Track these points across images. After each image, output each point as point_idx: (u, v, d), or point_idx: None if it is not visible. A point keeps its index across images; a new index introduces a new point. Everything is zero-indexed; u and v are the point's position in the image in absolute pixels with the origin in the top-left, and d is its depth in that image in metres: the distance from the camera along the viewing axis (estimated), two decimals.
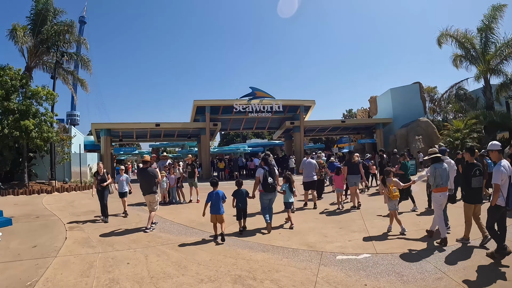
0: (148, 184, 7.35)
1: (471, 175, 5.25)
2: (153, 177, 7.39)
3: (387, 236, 6.16)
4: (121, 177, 9.32)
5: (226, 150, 40.01)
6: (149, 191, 7.34)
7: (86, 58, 20.23)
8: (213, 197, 6.23)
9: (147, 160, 7.63)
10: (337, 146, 45.27)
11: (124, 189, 9.14)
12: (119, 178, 9.30)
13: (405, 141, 25.82)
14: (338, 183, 9.45)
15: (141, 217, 8.81)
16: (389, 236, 6.15)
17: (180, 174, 11.06)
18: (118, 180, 9.25)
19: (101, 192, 8.38)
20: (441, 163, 5.79)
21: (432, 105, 30.76)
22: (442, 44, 22.18)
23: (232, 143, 54.33)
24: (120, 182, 9.20)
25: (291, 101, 23.93)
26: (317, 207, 9.48)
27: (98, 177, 8.43)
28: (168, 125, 22.69)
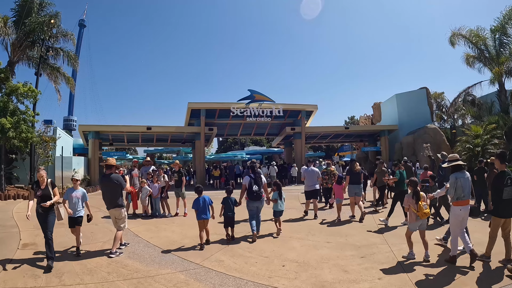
0: (112, 194, 5.80)
1: (503, 184, 4.68)
2: (118, 186, 5.80)
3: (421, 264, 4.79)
4: (74, 192, 5.92)
5: (223, 157, 38.58)
6: (113, 204, 5.79)
7: (73, 54, 18.82)
8: (200, 204, 6.20)
9: (110, 164, 5.91)
10: (338, 155, 43.84)
11: (77, 213, 5.82)
12: (70, 193, 5.87)
13: (412, 149, 24.43)
14: (338, 192, 8.81)
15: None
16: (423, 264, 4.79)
17: (165, 182, 9.52)
18: (68, 196, 5.85)
19: (42, 216, 5.25)
20: (463, 172, 5.08)
21: (439, 111, 29.41)
22: (455, 44, 20.96)
23: (230, 151, 52.91)
24: (71, 200, 5.83)
25: (292, 105, 22.52)
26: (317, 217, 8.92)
27: (38, 192, 5.32)
28: (160, 129, 21.20)
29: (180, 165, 9.64)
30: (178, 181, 9.48)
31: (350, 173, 8.80)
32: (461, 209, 4.85)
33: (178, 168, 9.61)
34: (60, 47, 18.72)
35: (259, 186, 6.74)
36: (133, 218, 9.29)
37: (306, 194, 9.27)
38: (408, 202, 5.25)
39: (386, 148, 25.08)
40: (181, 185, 9.38)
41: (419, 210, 5.01)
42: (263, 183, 6.86)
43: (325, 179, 10.25)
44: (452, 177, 5.03)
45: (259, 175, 6.92)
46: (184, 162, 41.02)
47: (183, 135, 22.81)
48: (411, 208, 5.14)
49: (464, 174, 5.07)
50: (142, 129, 20.83)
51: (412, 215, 5.16)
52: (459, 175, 4.99)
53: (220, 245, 6.19)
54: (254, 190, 6.66)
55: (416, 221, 5.10)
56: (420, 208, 5.00)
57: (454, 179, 4.95)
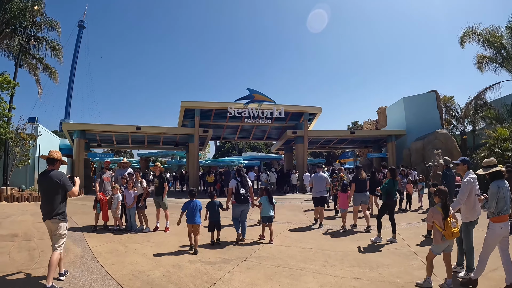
0: (50, 199, 4.15)
1: None
2: (58, 189, 4.16)
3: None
4: None
5: (220, 162, 37.02)
6: (50, 212, 4.13)
7: (57, 44, 17.18)
8: (189, 207, 6.08)
9: (52, 158, 4.32)
10: (339, 161, 42.15)
11: None
12: None
13: (421, 156, 22.92)
14: (343, 202, 8.08)
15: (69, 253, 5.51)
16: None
17: (142, 189, 7.76)
18: None
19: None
20: (503, 181, 4.21)
21: (448, 116, 27.90)
22: (465, 43, 19.42)
23: (227, 156, 51.26)
24: None
25: (295, 107, 20.88)
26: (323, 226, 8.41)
27: None
28: (151, 129, 19.47)
29: (162, 169, 7.86)
30: (158, 188, 7.69)
31: (356, 180, 8.13)
32: (503, 227, 4.00)
33: (159, 172, 7.79)
34: (43, 36, 17.13)
35: (246, 190, 6.74)
36: (102, 232, 7.54)
37: (314, 200, 8.74)
38: (433, 218, 4.14)
39: (393, 155, 23.53)
40: (163, 192, 7.60)
41: (446, 228, 3.96)
42: (249, 186, 6.87)
43: (335, 185, 9.85)
44: (493, 186, 4.14)
45: (245, 178, 6.92)
46: (179, 167, 39.28)
47: (176, 137, 21.07)
48: (436, 225, 4.08)
49: (504, 182, 4.21)
50: (131, 129, 19.11)
51: (437, 235, 4.08)
52: (501, 183, 4.14)
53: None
54: (242, 193, 6.66)
55: (442, 242, 4.04)
56: (448, 226, 3.94)
57: (496, 189, 4.07)
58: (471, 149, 25.43)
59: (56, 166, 4.37)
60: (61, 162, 4.47)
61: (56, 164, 4.37)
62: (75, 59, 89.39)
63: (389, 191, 6.72)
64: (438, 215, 4.07)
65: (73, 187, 4.35)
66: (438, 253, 4.13)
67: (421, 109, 24.85)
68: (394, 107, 27.46)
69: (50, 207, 4.13)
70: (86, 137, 20.63)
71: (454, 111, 28.21)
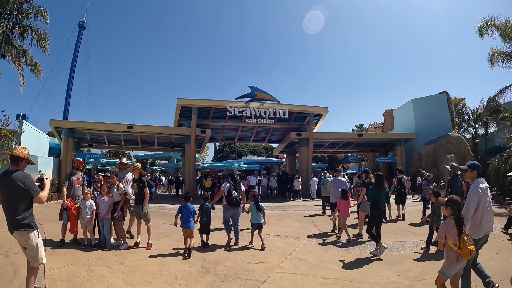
0: (12, 206, 3.42)
1: None
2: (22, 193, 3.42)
3: None
4: None
5: (218, 166, 35.49)
6: (14, 223, 3.43)
7: (43, 33, 15.78)
8: (183, 211, 6.05)
9: (16, 156, 3.54)
10: (342, 166, 40.66)
11: None
12: None
13: (432, 161, 21.65)
14: (344, 210, 7.47)
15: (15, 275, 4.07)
16: None
17: (120, 196, 6.28)
18: None
19: None
20: None
21: (459, 119, 26.58)
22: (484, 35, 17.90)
23: (227, 160, 49.80)
24: None
25: (299, 106, 19.45)
26: None
27: None
28: (144, 129, 17.99)
29: (142, 171, 6.29)
30: (138, 195, 6.21)
31: (367, 185, 7.44)
32: None
33: (139, 175, 6.24)
34: (29, 25, 15.76)
35: (238, 193, 6.78)
36: (70, 247, 6.08)
37: (332, 205, 8.60)
38: (447, 234, 3.45)
39: (402, 159, 22.14)
40: (143, 200, 6.12)
41: (462, 246, 3.33)
42: (242, 190, 6.94)
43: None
44: None
45: (238, 182, 7.00)
46: (176, 170, 37.81)
47: (171, 137, 19.60)
48: (450, 242, 3.42)
49: None
50: (122, 128, 17.64)
51: (451, 255, 3.41)
52: None
53: None
54: (234, 196, 6.68)
55: (456, 264, 3.41)
56: (464, 244, 3.33)
57: None
58: (483, 153, 24.13)
59: (20, 166, 3.59)
60: (27, 162, 3.70)
61: (21, 163, 3.59)
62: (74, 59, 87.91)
63: (375, 201, 6.06)
64: (452, 230, 3.40)
65: (41, 192, 3.54)
66: (450, 276, 3.50)
67: (432, 111, 23.67)
68: (402, 110, 26.17)
69: (13, 216, 3.41)
70: (76, 136, 19.18)
71: (465, 113, 26.95)
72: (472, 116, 26.74)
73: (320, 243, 6.96)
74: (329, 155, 45.66)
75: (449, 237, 3.43)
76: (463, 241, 3.32)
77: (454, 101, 26.28)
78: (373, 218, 6.14)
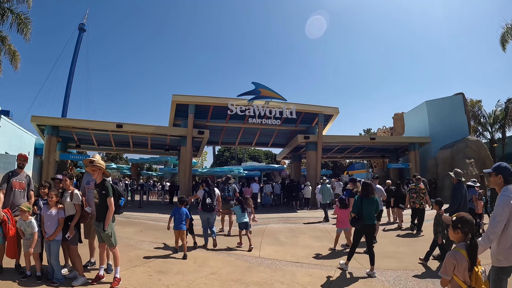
0: None
1: None
2: None
3: None
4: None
5: (217, 171, 33.67)
6: None
7: (25, 17, 14.06)
8: (176, 214, 6.33)
9: None
10: (347, 173, 38.77)
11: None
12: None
13: (449, 166, 19.81)
14: (343, 220, 6.87)
15: None
16: None
17: (75, 208, 4.39)
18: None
19: None
20: None
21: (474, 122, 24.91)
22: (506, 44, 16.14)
23: (226, 166, 47.95)
24: None
25: (308, 106, 17.64)
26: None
27: None
28: (135, 128, 16.10)
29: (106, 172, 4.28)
30: (99, 207, 4.25)
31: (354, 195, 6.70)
32: None
33: (101, 178, 4.27)
34: (9, 7, 14.05)
35: (212, 199, 7.08)
36: (7, 276, 4.22)
37: None
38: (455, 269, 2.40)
39: (416, 165, 20.49)
40: (105, 215, 4.14)
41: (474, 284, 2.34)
42: (216, 196, 7.22)
43: (413, 197, 8.78)
44: None
45: (213, 189, 7.27)
46: (173, 175, 35.88)
47: (165, 139, 17.73)
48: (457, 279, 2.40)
49: None
50: (111, 127, 15.79)
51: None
52: None
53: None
54: (208, 203, 7.00)
55: None
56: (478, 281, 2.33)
57: None
58: (500, 159, 22.46)
59: None
60: None
61: None
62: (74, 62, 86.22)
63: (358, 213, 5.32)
64: (462, 263, 2.38)
65: None
66: None
67: (447, 114, 22.06)
68: (414, 112, 24.49)
69: None
70: (61, 136, 17.39)
71: (481, 116, 25.33)
72: (489, 119, 25.14)
73: (362, 277, 5.03)
74: (333, 161, 43.84)
75: (457, 274, 2.42)
76: (476, 277, 2.37)
77: (470, 103, 24.66)
78: (357, 233, 5.38)
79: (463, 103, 22.45)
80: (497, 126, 24.73)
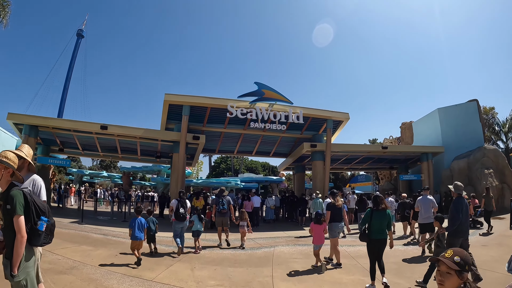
0: None
1: None
2: None
3: None
4: None
5: (214, 183, 31.77)
6: None
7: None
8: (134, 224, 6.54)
9: None
10: (350, 186, 36.93)
11: None
12: None
13: (465, 178, 18.42)
14: (318, 235, 6.44)
15: None
16: None
17: None
18: None
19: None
20: None
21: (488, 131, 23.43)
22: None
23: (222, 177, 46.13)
24: None
25: (316, 110, 15.93)
26: None
27: None
28: (121, 130, 14.19)
29: (18, 175, 2.47)
30: (5, 233, 2.38)
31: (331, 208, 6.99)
32: None
33: (7, 184, 2.39)
34: None
35: (185, 209, 7.74)
36: None
37: (421, 226, 8.28)
38: None
39: (430, 176, 18.93)
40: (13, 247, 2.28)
41: None
42: (187, 207, 7.90)
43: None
44: None
45: (185, 200, 7.95)
46: (166, 186, 33.73)
47: (157, 144, 15.85)
48: None
49: None
50: (95, 128, 13.90)
51: None
52: None
53: None
54: (181, 212, 7.63)
55: None
56: None
57: None
58: None
59: None
60: None
61: None
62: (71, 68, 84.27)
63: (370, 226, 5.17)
64: None
65: None
66: None
67: (461, 122, 20.62)
68: (424, 121, 23.02)
69: None
70: (42, 137, 15.61)
71: (495, 124, 23.96)
72: (503, 127, 23.73)
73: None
74: (334, 173, 42.04)
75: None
76: None
77: (483, 111, 23.24)
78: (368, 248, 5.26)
79: (477, 110, 21.02)
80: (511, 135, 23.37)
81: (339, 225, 6.97)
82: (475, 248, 7.27)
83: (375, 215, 5.24)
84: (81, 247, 7.87)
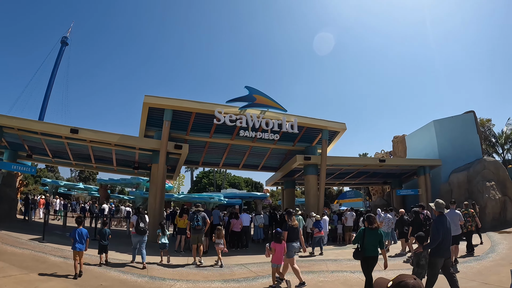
0: None
1: None
2: None
3: None
4: None
5: (195, 198, 29.84)
6: None
7: None
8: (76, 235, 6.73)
9: None
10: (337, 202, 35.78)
11: None
12: None
13: (465, 191, 17.71)
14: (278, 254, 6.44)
15: None
16: None
17: None
18: None
19: None
20: None
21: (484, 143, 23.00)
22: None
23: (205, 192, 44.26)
24: None
25: (312, 119, 14.72)
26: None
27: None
28: (94, 135, 12.36)
29: None
30: None
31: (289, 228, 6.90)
32: None
33: None
34: None
35: (145, 224, 8.55)
36: None
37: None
38: None
39: (427, 191, 18.11)
40: None
41: None
42: (147, 221, 8.79)
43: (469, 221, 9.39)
44: None
45: (144, 216, 8.76)
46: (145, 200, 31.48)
47: (134, 153, 14.11)
48: None
49: None
50: (64, 131, 12.05)
51: None
52: None
53: None
54: (141, 227, 8.37)
55: None
56: None
57: None
58: None
59: None
60: None
61: None
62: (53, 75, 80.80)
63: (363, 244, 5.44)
64: None
65: None
66: None
67: (458, 134, 19.94)
68: (419, 134, 22.36)
69: None
70: (8, 140, 13.88)
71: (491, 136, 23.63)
72: (499, 139, 23.40)
73: None
74: None
75: None
76: None
77: (480, 123, 22.86)
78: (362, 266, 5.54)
79: (474, 122, 20.52)
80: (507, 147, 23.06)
81: (294, 244, 6.93)
82: None
83: (368, 234, 5.49)
84: (30, 275, 6.27)
